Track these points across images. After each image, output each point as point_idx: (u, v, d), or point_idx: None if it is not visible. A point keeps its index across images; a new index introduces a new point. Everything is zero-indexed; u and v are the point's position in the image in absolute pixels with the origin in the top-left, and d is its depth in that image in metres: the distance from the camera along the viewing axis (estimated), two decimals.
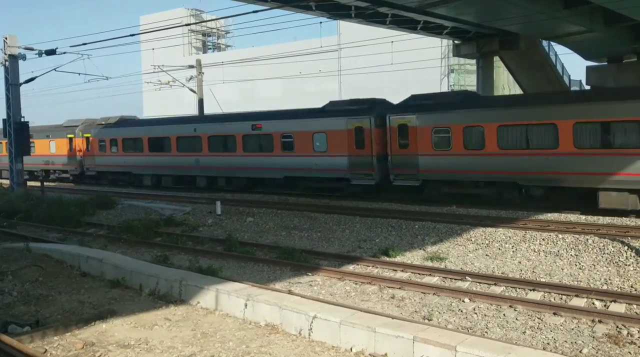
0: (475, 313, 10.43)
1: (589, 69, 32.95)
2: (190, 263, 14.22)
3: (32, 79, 30.04)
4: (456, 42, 34.41)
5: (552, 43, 33.78)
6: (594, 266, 13.31)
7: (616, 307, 10.39)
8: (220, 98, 38.77)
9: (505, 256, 14.51)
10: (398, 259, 14.60)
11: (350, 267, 13.91)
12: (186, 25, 44.02)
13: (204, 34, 73.16)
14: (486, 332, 9.51)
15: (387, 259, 14.52)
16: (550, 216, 18.13)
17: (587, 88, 33.33)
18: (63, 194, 28.55)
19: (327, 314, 8.15)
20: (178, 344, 8.12)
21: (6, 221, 21.98)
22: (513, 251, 14.82)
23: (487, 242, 15.64)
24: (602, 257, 13.72)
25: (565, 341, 8.99)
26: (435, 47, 45.06)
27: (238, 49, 66.89)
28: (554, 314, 10.09)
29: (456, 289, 11.76)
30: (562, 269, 13.20)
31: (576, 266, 13.41)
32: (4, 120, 29.92)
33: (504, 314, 10.27)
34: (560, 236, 15.20)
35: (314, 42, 43.21)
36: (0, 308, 10.01)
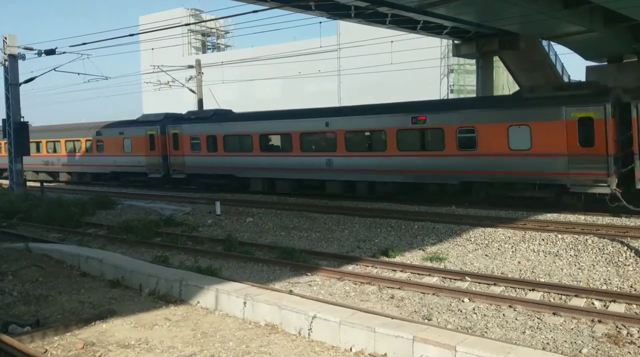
0: (475, 313, 10.45)
1: (588, 69, 32.97)
2: (190, 263, 14.22)
3: (31, 79, 30.03)
4: (456, 42, 34.40)
5: (552, 43, 33.77)
6: (594, 266, 13.32)
7: (616, 307, 10.41)
8: (219, 98, 38.73)
9: (504, 256, 14.53)
10: (397, 259, 14.62)
11: (350, 267, 13.92)
12: (185, 25, 43.99)
13: (203, 34, 73.16)
14: (486, 332, 9.53)
15: (386, 259, 14.54)
16: (550, 216, 18.13)
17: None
18: (63, 194, 28.54)
19: (326, 314, 8.16)
20: (178, 344, 8.14)
21: (6, 221, 21.98)
22: (512, 251, 14.84)
23: (486, 242, 15.65)
24: (602, 257, 13.74)
25: (565, 341, 9.01)
26: (435, 47, 45.04)
27: (237, 49, 66.95)
28: (554, 314, 10.11)
29: (456, 289, 11.77)
30: (562, 269, 13.22)
31: (575, 266, 13.43)
32: (4, 120, 29.92)
33: (504, 314, 10.28)
34: (559, 236, 15.21)
35: (314, 42, 43.18)
36: (1, 308, 10.02)
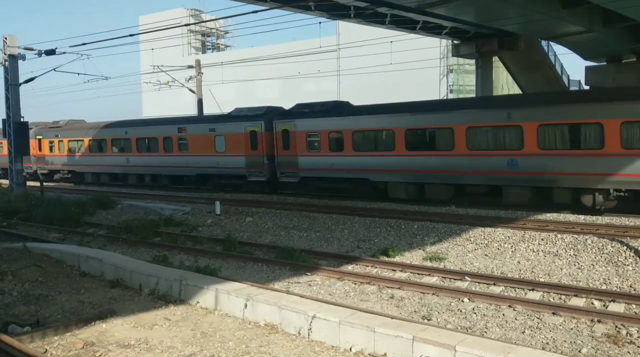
0: (475, 313, 10.45)
1: (587, 69, 33.01)
2: (189, 263, 14.23)
3: (31, 79, 30.03)
4: (455, 42, 34.41)
5: (551, 43, 33.82)
6: (593, 265, 13.33)
7: (615, 307, 10.42)
8: (219, 98, 38.67)
9: (504, 256, 14.53)
10: (397, 259, 14.62)
11: (349, 267, 13.92)
12: (185, 25, 43.92)
13: (203, 34, 73.22)
14: (485, 332, 9.53)
15: (386, 259, 14.53)
16: (549, 216, 18.14)
17: (586, 88, 33.42)
18: (62, 194, 28.53)
19: (326, 313, 8.16)
20: (178, 344, 8.14)
21: (6, 221, 21.97)
22: (512, 251, 14.84)
23: (486, 242, 15.66)
24: (601, 257, 13.74)
25: (565, 341, 9.02)
26: (434, 47, 45.07)
27: (237, 49, 67.04)
28: (553, 313, 10.12)
29: (455, 289, 11.77)
30: (561, 269, 13.22)
31: (575, 265, 13.43)
32: (4, 120, 29.92)
33: (503, 314, 10.29)
34: (559, 236, 15.22)
35: (313, 42, 43.21)
36: (1, 308, 10.02)
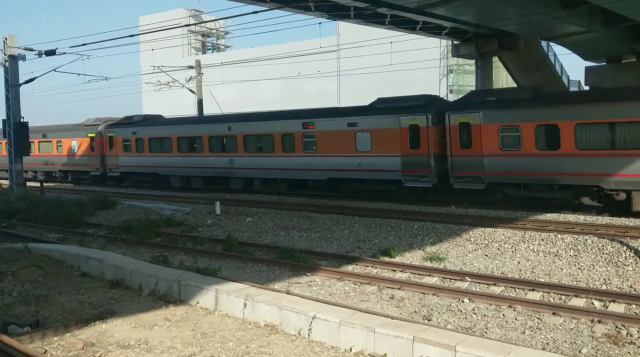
0: (475, 313, 10.45)
1: (587, 69, 33.00)
2: (189, 263, 14.22)
3: (32, 80, 30.02)
4: (455, 42, 34.40)
5: (551, 43, 33.79)
6: (593, 266, 13.33)
7: (615, 307, 10.42)
8: (219, 99, 38.73)
9: (504, 256, 14.53)
10: (397, 259, 14.61)
11: (350, 268, 13.91)
12: (185, 26, 43.93)
13: (203, 35, 73.22)
14: (486, 332, 9.53)
15: (386, 259, 14.52)
16: (550, 216, 18.14)
17: (586, 88, 33.45)
18: (62, 194, 28.51)
19: (326, 314, 8.16)
20: (178, 344, 8.14)
21: (6, 221, 21.96)
22: (512, 251, 14.84)
23: (486, 242, 15.65)
24: (601, 257, 13.74)
25: (565, 341, 9.01)
26: (434, 48, 45.09)
27: (237, 50, 67.00)
28: (553, 314, 10.11)
29: (455, 289, 11.77)
30: (561, 269, 13.22)
31: (575, 266, 13.43)
32: (4, 120, 29.93)
33: (504, 314, 10.28)
34: (559, 236, 15.22)
35: (313, 43, 43.24)
36: (0, 308, 10.01)
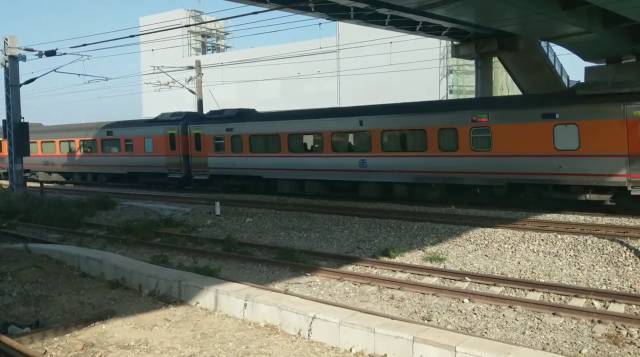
0: (475, 313, 10.44)
1: (587, 69, 32.99)
2: (189, 263, 14.22)
3: (32, 80, 30.02)
4: (455, 42, 34.42)
5: (550, 44, 33.81)
6: (593, 266, 13.33)
7: (615, 308, 10.42)
8: (219, 99, 38.67)
9: (504, 257, 14.53)
10: (397, 259, 14.61)
11: (349, 268, 13.91)
12: (186, 26, 43.94)
13: (203, 35, 73.30)
14: (486, 332, 9.53)
15: (386, 259, 14.52)
16: (549, 217, 18.14)
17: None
18: (62, 194, 28.52)
19: (326, 314, 8.15)
20: (178, 344, 8.13)
21: (6, 221, 21.95)
22: (512, 252, 14.84)
23: (486, 242, 15.66)
24: (601, 257, 13.74)
25: (565, 341, 9.01)
26: (434, 48, 45.07)
27: (237, 50, 67.04)
28: (554, 314, 10.11)
29: (455, 290, 11.76)
30: (561, 270, 13.22)
31: (575, 266, 13.43)
32: (4, 121, 29.94)
33: (504, 315, 10.28)
34: (559, 237, 15.22)
35: (313, 43, 43.18)
36: (0, 309, 10.00)
